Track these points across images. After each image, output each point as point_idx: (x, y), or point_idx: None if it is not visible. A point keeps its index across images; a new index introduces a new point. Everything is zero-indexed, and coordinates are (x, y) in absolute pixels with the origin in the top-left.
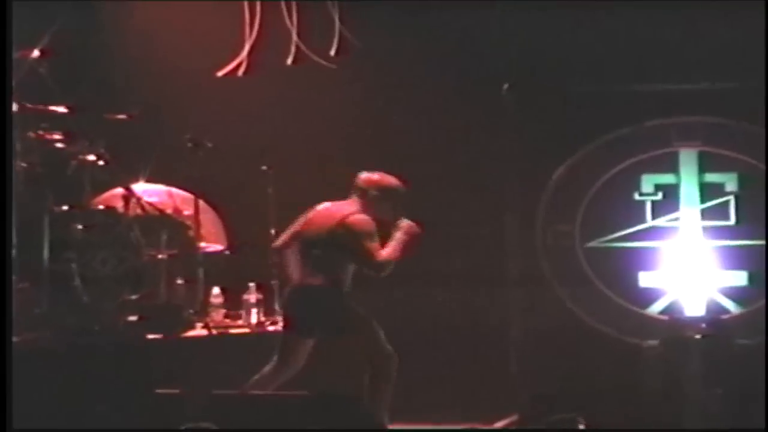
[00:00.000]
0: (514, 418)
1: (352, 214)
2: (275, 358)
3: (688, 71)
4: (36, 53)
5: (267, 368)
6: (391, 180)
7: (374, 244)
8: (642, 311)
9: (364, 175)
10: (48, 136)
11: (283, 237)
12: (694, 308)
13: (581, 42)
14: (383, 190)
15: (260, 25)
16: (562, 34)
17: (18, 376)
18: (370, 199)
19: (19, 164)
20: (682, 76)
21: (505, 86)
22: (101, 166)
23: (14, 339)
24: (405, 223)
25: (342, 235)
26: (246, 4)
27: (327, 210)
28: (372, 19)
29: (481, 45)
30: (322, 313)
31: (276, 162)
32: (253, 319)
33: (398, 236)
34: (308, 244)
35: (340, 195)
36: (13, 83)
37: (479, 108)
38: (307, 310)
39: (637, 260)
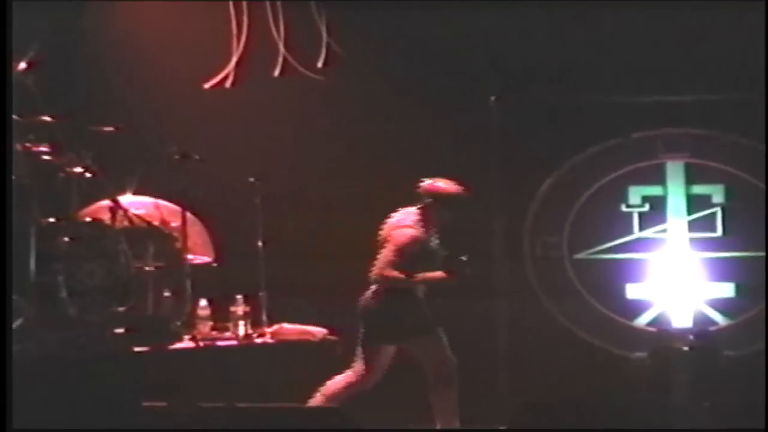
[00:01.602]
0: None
1: (401, 221)
2: (357, 366)
3: (675, 83)
4: (22, 65)
5: (347, 377)
6: (445, 187)
7: (388, 257)
8: (630, 323)
9: (425, 182)
10: (35, 148)
11: None
12: (681, 320)
13: (569, 53)
14: (436, 197)
15: (247, 36)
16: (550, 46)
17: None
18: (427, 206)
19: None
20: (670, 88)
21: (493, 98)
22: (88, 178)
23: None
24: (442, 273)
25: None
26: (233, 16)
27: (393, 217)
28: (359, 31)
29: (469, 56)
30: (387, 319)
31: (263, 173)
32: (241, 332)
33: (429, 274)
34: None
35: (328, 205)
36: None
37: (466, 119)
38: (374, 315)
39: (625, 272)
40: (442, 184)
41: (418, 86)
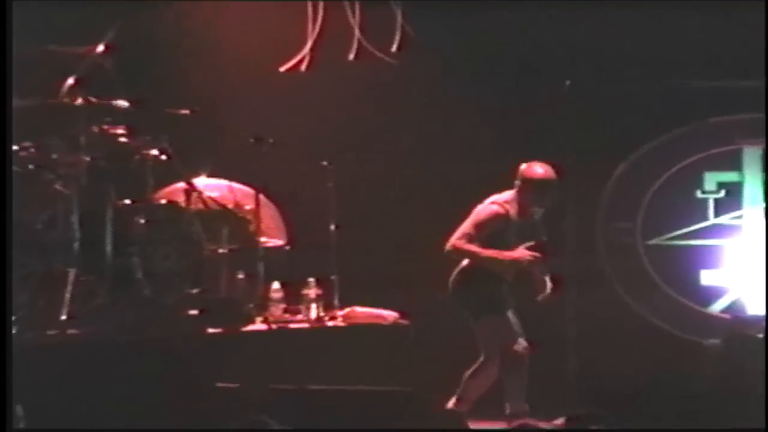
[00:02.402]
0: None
1: (491, 200)
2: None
3: (754, 68)
4: (100, 48)
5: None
6: (534, 170)
7: (466, 229)
8: (703, 310)
9: (522, 165)
10: (111, 131)
11: None
12: (756, 307)
13: (645, 39)
14: (525, 180)
15: (323, 20)
16: (626, 31)
17: (80, 369)
18: (518, 188)
19: (83, 158)
20: (748, 74)
21: (567, 83)
22: (164, 160)
23: (75, 331)
24: (524, 251)
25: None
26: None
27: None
28: (433, 14)
29: (543, 41)
30: (461, 293)
31: (337, 157)
32: (313, 314)
33: (499, 252)
34: None
35: (401, 189)
36: (79, 77)
37: (540, 105)
38: (455, 293)
39: (699, 258)
40: (533, 168)
41: (491, 70)
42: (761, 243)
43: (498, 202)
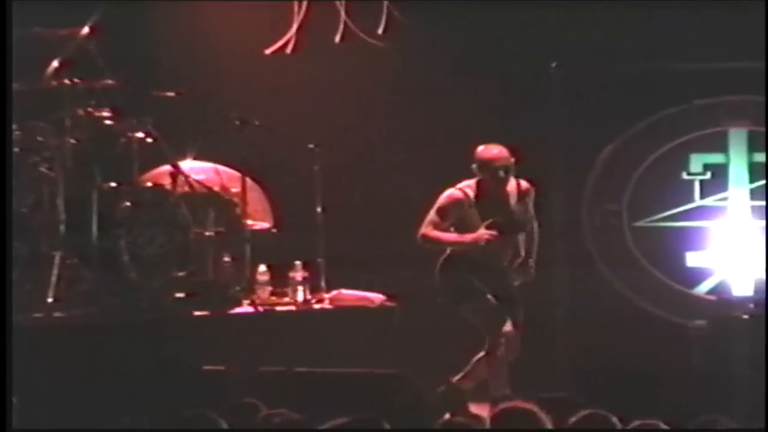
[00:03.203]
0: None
1: (456, 186)
2: None
3: (738, 49)
4: (85, 30)
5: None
6: (486, 151)
7: (430, 217)
8: (689, 291)
9: (479, 147)
10: (97, 113)
11: None
12: (742, 288)
13: (631, 21)
14: (478, 161)
15: (309, 2)
16: (612, 13)
17: (65, 351)
18: (475, 171)
19: (68, 141)
20: (732, 55)
21: (553, 65)
22: (149, 143)
23: (60, 314)
24: (482, 231)
25: None
26: None
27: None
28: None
29: (529, 24)
30: (442, 281)
31: (323, 140)
32: (299, 297)
33: (460, 235)
34: None
35: (387, 172)
36: (64, 60)
37: (526, 87)
38: (439, 279)
39: (685, 240)
40: (486, 149)
41: (478, 53)
42: (746, 224)
43: (458, 187)
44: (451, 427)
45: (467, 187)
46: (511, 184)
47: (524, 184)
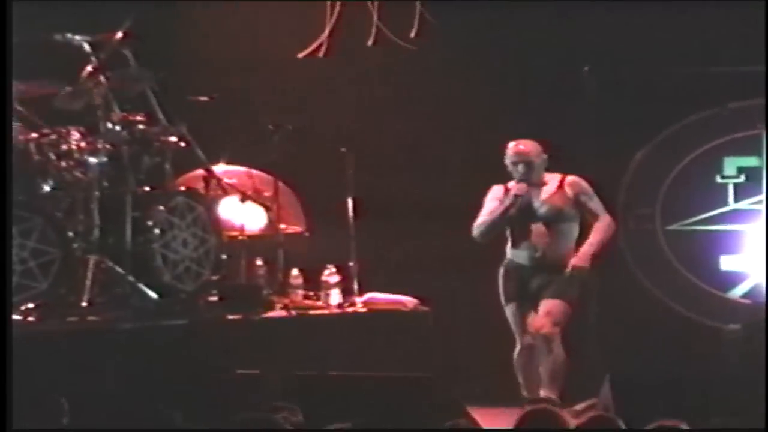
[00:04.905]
0: (592, 402)
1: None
2: None
3: None
4: (119, 35)
5: None
6: (517, 147)
7: (482, 211)
8: (723, 295)
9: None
10: (131, 118)
11: None
12: None
13: (664, 24)
14: (509, 157)
15: (341, 5)
16: (644, 17)
17: (100, 355)
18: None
19: (103, 145)
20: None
21: (586, 68)
22: (182, 147)
23: (95, 318)
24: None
25: None
26: None
27: None
28: (453, 1)
29: (562, 26)
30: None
31: (355, 144)
32: (332, 301)
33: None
34: None
35: (419, 176)
36: (98, 64)
37: (558, 91)
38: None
39: (719, 243)
40: (514, 146)
41: (510, 56)
42: None
43: (503, 184)
44: (456, 427)
45: (510, 183)
46: (548, 177)
47: (570, 178)
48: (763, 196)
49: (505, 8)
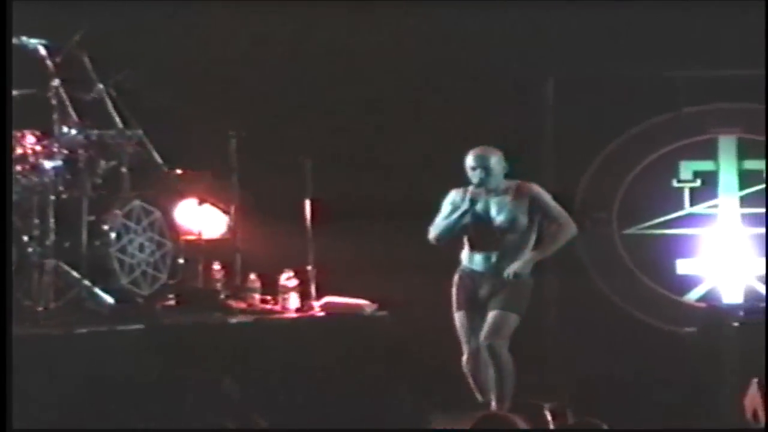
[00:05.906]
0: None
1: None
2: None
3: (727, 57)
4: (75, 41)
5: None
6: (476, 152)
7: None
8: (679, 298)
9: None
10: (87, 123)
11: None
12: (732, 296)
13: (619, 29)
14: (467, 162)
15: None
16: (600, 21)
17: (52, 362)
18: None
19: (59, 149)
20: (722, 62)
21: (544, 72)
22: (140, 152)
23: (50, 323)
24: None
25: None
26: None
27: None
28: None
29: (521, 31)
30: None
31: (312, 148)
32: (290, 305)
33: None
34: None
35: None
36: (52, 69)
37: (516, 94)
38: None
39: (675, 247)
40: (471, 152)
41: (473, 61)
42: (736, 232)
43: (462, 189)
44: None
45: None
46: (506, 184)
47: (528, 184)
48: (718, 200)
49: (464, 12)
